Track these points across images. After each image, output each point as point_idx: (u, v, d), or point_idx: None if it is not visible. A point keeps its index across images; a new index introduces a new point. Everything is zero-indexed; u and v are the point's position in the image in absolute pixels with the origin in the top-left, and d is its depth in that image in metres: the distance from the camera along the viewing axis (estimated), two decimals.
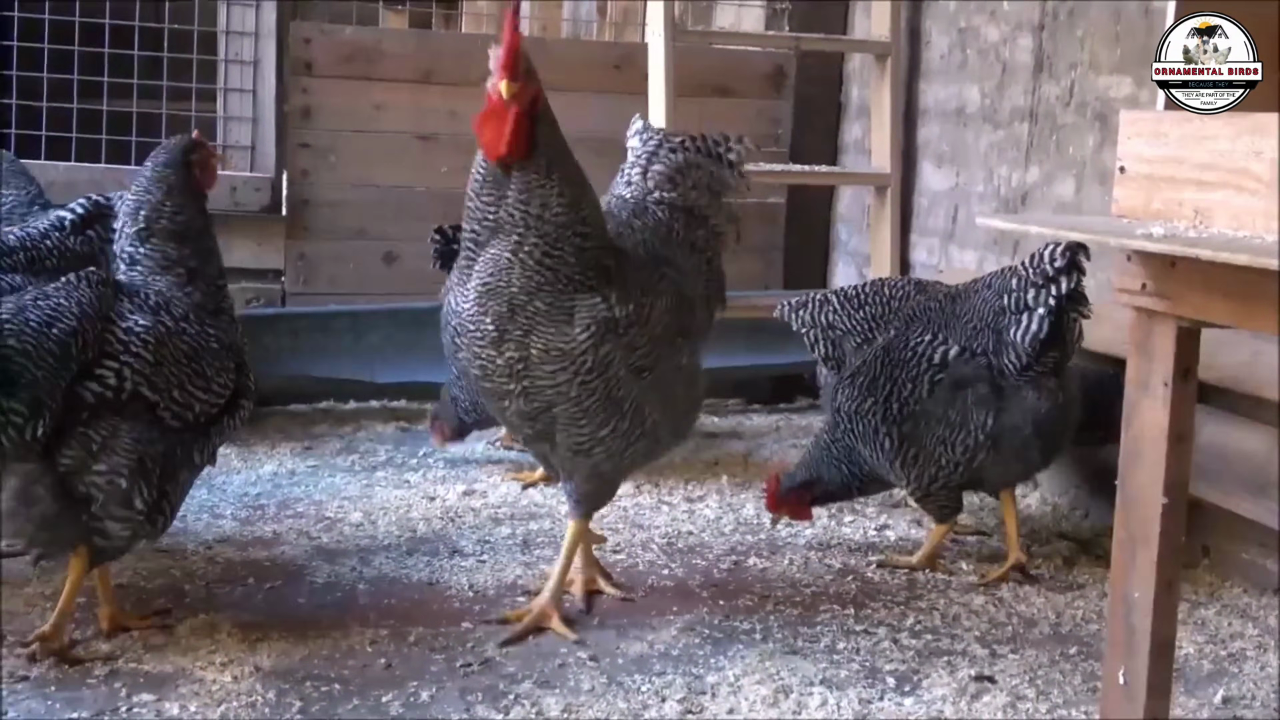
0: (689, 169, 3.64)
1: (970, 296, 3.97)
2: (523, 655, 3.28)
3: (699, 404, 3.62)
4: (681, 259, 3.54)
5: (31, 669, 3.06)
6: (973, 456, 3.86)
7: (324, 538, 4.07)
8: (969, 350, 3.87)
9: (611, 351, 3.21)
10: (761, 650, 3.37)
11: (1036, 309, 3.78)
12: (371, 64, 5.94)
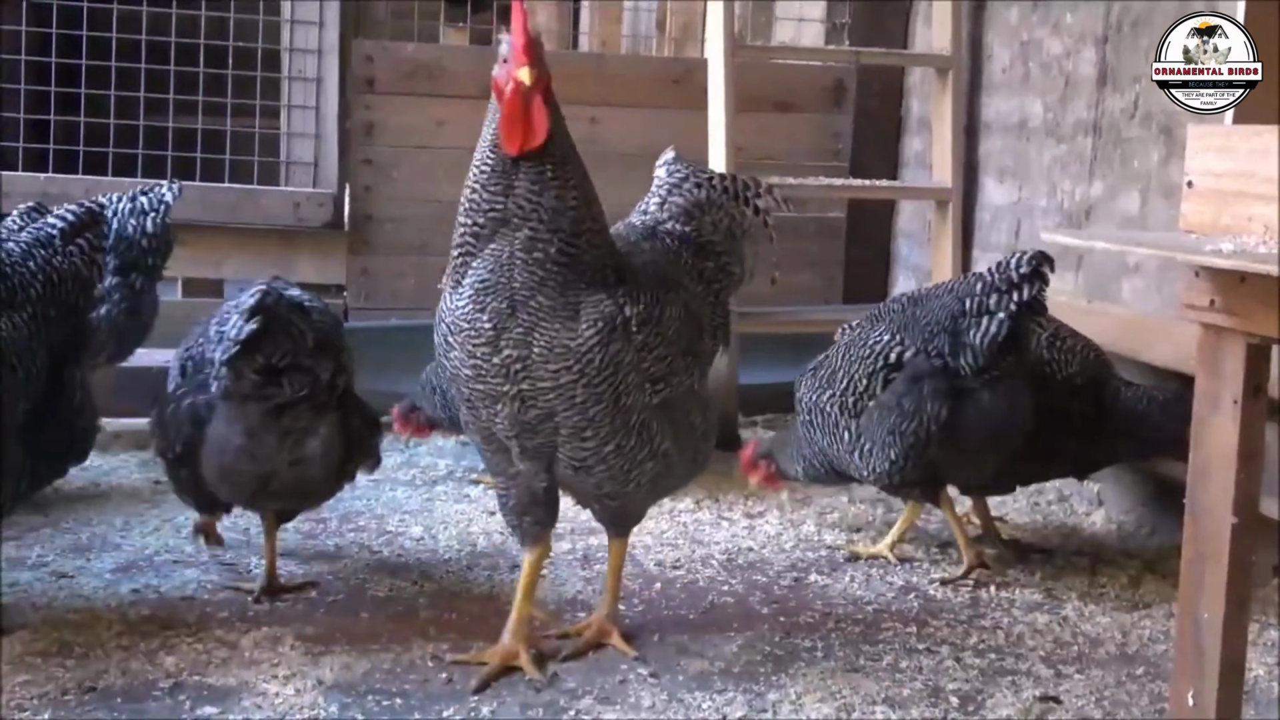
0: (709, 207, 3.52)
1: (931, 300, 4.06)
2: (583, 671, 3.28)
3: (711, 435, 3.47)
4: (690, 285, 3.42)
5: (99, 681, 3.09)
6: (922, 449, 3.90)
7: (385, 551, 4.09)
8: (923, 351, 3.94)
9: (621, 352, 3.07)
10: (823, 668, 3.35)
11: (997, 313, 3.88)
12: (433, 80, 5.98)
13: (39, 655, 3.22)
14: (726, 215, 3.52)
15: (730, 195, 3.54)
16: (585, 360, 3.04)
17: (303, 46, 6.06)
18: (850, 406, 4.01)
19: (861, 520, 4.56)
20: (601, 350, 3.05)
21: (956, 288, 4.04)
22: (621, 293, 3.10)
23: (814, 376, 4.14)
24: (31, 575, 3.74)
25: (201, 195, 5.94)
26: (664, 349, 3.17)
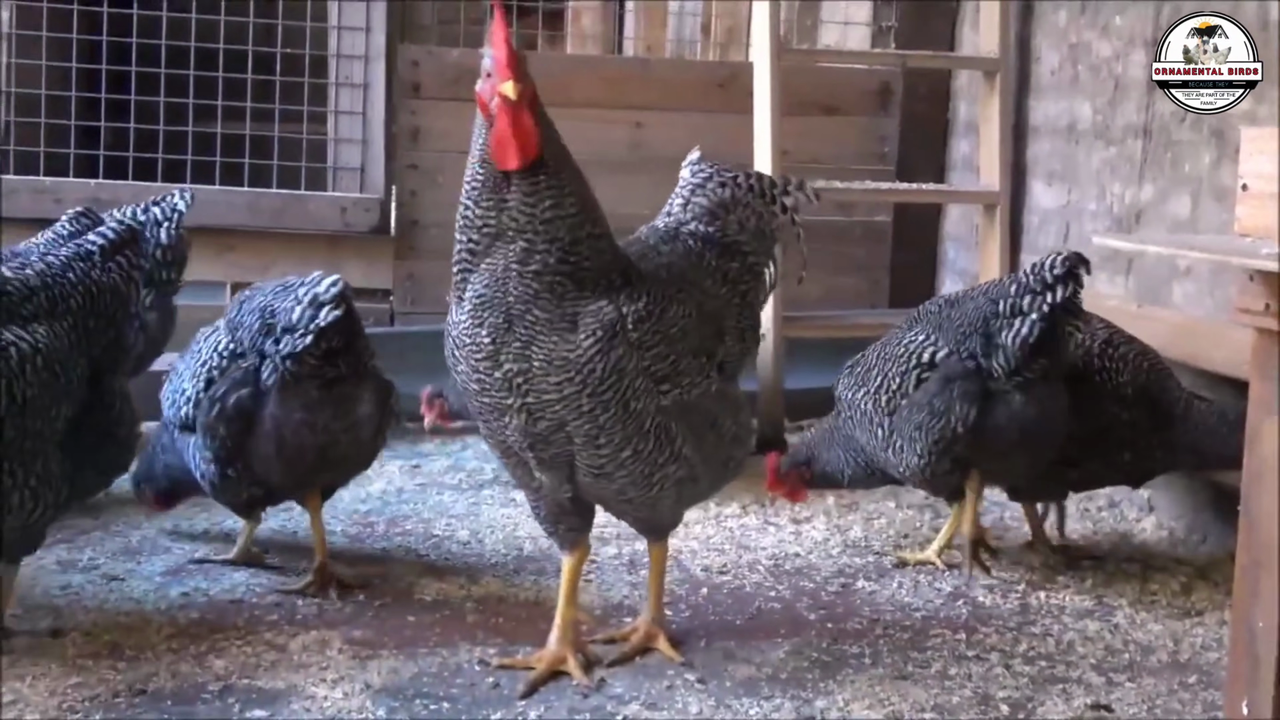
0: (734, 206, 3.42)
1: (966, 302, 4.08)
2: (630, 676, 3.28)
3: (744, 438, 3.41)
4: (711, 286, 3.33)
5: (149, 683, 3.12)
6: (948, 448, 3.93)
7: (432, 555, 4.10)
8: (956, 352, 3.97)
9: (624, 358, 3.01)
10: (871, 675, 3.34)
11: (1030, 314, 3.87)
12: None
13: (90, 657, 3.25)
14: (753, 214, 3.44)
15: (756, 193, 3.45)
16: (587, 370, 2.99)
17: (349, 52, 6.10)
18: (884, 404, 4.05)
19: (909, 526, 4.54)
20: (603, 359, 3.00)
21: (991, 289, 4.06)
22: (623, 296, 3.06)
23: (851, 374, 4.20)
24: (83, 578, 3.78)
25: (249, 201, 6.00)
26: (664, 348, 3.10)
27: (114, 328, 3.38)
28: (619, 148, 5.91)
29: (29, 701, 2.99)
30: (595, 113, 5.99)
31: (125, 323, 3.43)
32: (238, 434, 3.65)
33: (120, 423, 3.36)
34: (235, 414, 3.65)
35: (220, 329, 3.86)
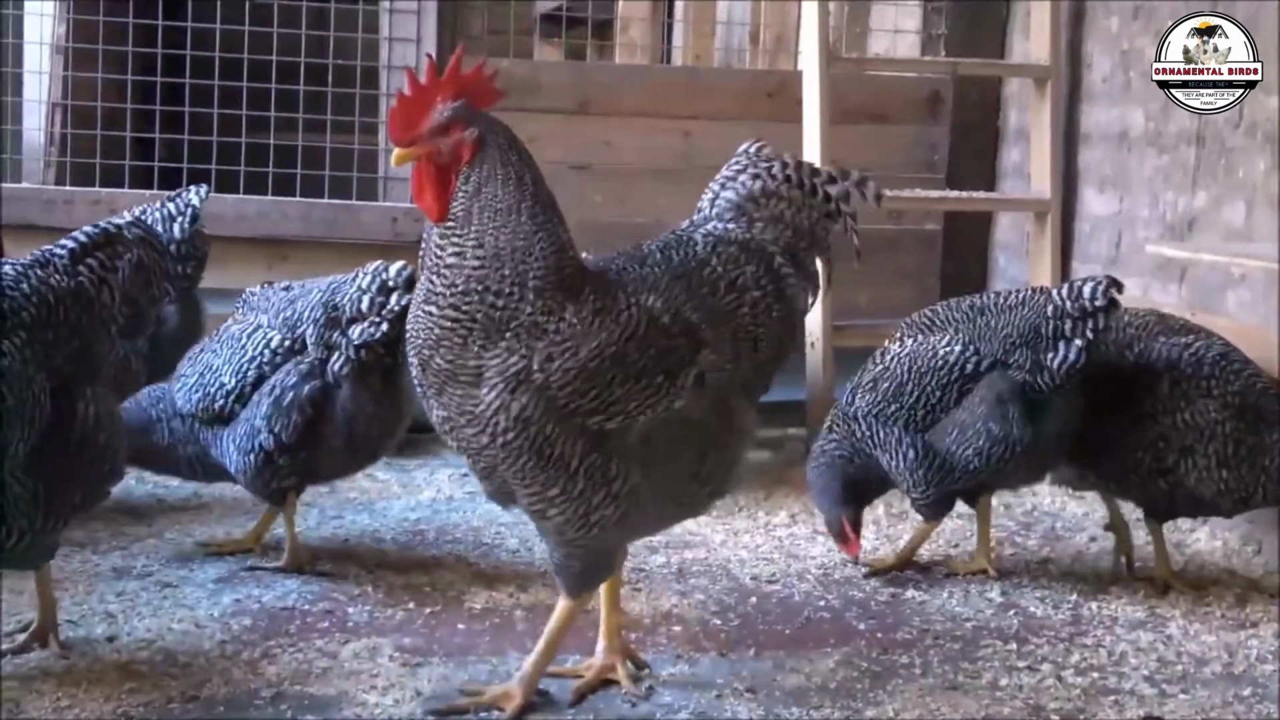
0: (766, 200, 3.19)
1: (1004, 312, 4.01)
2: (680, 685, 3.27)
3: (729, 461, 3.11)
4: (701, 295, 3.06)
5: (202, 690, 3.14)
6: (1003, 466, 3.93)
7: (482, 564, 4.12)
8: (1001, 363, 3.94)
9: (528, 408, 2.85)
10: (921, 685, 3.32)
11: (1074, 340, 3.89)
12: (528, 96, 6.01)
13: (144, 663, 3.28)
14: (790, 207, 3.20)
15: (794, 184, 3.20)
16: (492, 423, 2.87)
17: (400, 63, 6.12)
18: (919, 420, 3.97)
19: (959, 535, 4.51)
20: (504, 412, 2.86)
21: (1027, 300, 4.02)
22: (538, 340, 2.87)
23: (874, 390, 4.05)
24: (138, 585, 3.82)
25: (301, 211, 6.04)
26: (582, 383, 2.88)
27: (80, 336, 3.16)
28: (668, 157, 5.91)
29: (84, 706, 3.03)
30: (644, 122, 6.00)
31: (96, 330, 3.22)
32: (306, 426, 3.83)
33: (97, 432, 3.15)
34: (308, 406, 3.83)
35: (263, 326, 3.96)
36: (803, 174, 3.22)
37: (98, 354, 3.23)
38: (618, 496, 2.95)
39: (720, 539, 4.40)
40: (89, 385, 3.16)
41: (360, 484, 4.97)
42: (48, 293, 3.11)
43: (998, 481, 4.09)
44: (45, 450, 3.04)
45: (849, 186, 3.24)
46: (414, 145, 2.92)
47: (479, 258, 2.87)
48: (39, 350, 3.04)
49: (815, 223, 3.23)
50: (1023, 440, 3.90)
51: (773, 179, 3.20)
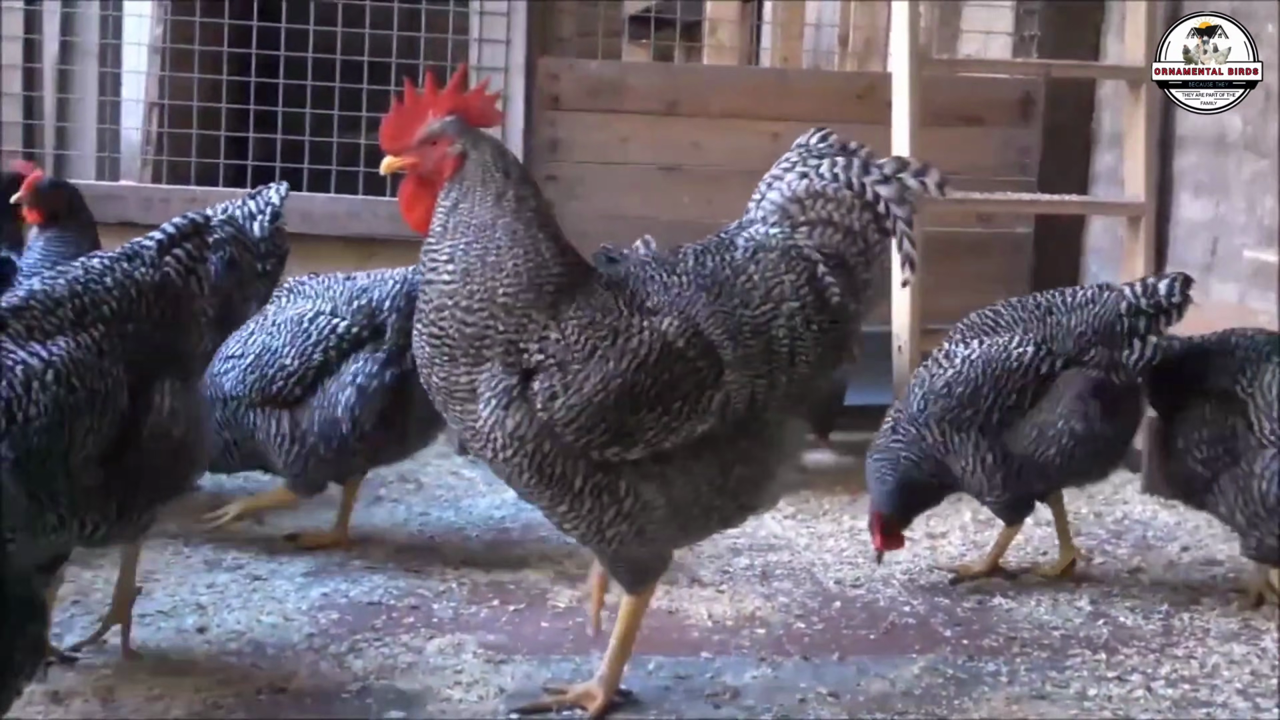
0: (813, 200, 3.02)
1: (1073, 311, 4.00)
2: (763, 689, 3.26)
3: (759, 476, 3.00)
4: (739, 309, 2.93)
5: (290, 682, 3.18)
6: (1087, 464, 3.97)
7: (566, 563, 4.13)
8: (1076, 362, 3.93)
9: (520, 427, 2.80)
10: (1008, 694, 3.28)
11: (1149, 337, 3.92)
12: (617, 97, 6.04)
13: (233, 655, 3.33)
14: (839, 209, 3.01)
15: (843, 184, 3.00)
16: (491, 439, 2.84)
17: (490, 65, 6.16)
18: (995, 424, 3.94)
19: (1047, 543, 4.45)
20: (499, 429, 2.82)
21: (1096, 297, 4.01)
22: (528, 366, 2.83)
23: (949, 395, 3.96)
24: (228, 577, 3.87)
25: (391, 210, 6.04)
26: (588, 419, 2.81)
27: (162, 330, 3.17)
28: (756, 158, 5.79)
29: (175, 696, 3.08)
30: (732, 123, 6.00)
31: (182, 323, 3.23)
32: (383, 414, 3.97)
33: (172, 427, 3.14)
34: (389, 394, 3.97)
35: (325, 312, 4.07)
36: (852, 173, 3.01)
37: (182, 348, 3.24)
38: (630, 515, 2.89)
39: (804, 542, 4.38)
40: (169, 379, 3.16)
41: (446, 481, 5.02)
42: (131, 286, 3.14)
43: (1074, 480, 4.12)
44: (121, 442, 3.05)
45: (907, 179, 3.00)
46: (401, 154, 2.96)
47: (450, 273, 2.86)
48: (117, 343, 3.07)
49: (866, 226, 3.02)
50: (1104, 437, 3.91)
51: (819, 178, 3.02)
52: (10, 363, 2.91)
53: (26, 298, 3.06)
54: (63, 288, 3.08)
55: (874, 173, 3.01)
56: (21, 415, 2.87)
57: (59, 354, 2.96)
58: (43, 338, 2.99)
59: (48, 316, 3.03)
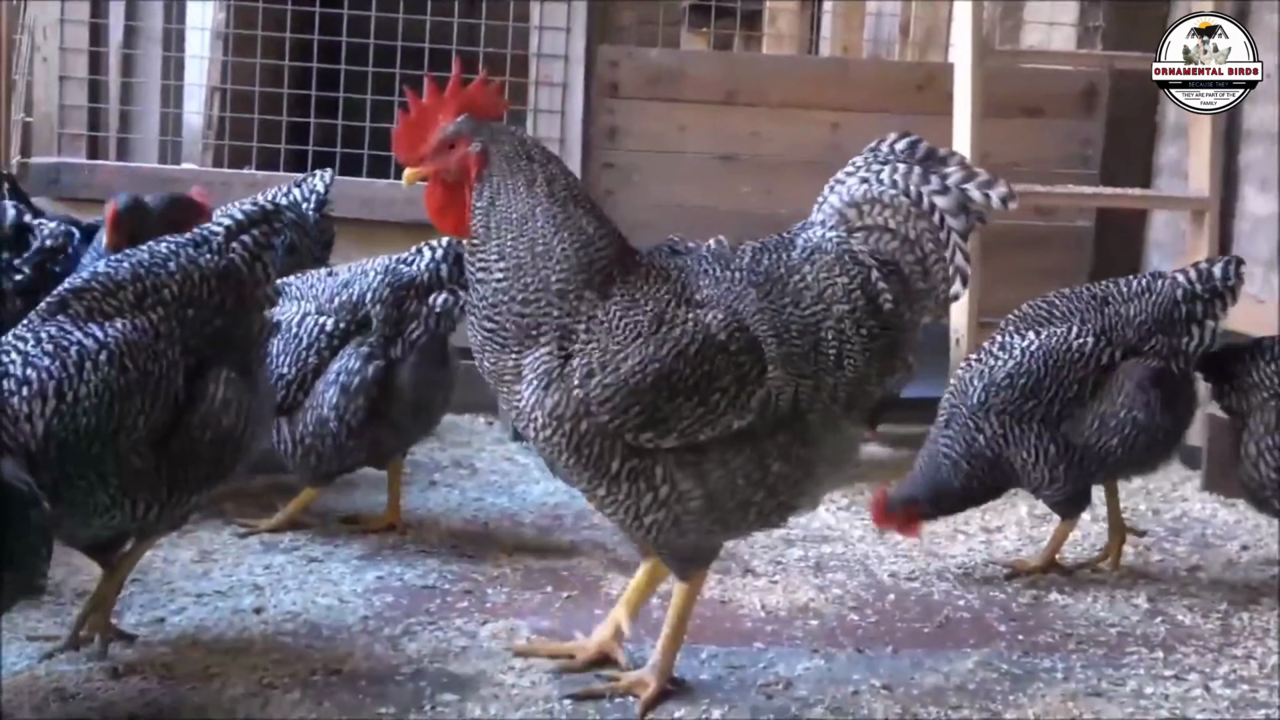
0: (869, 207, 3.01)
1: (1130, 301, 3.99)
2: (816, 680, 3.25)
3: (802, 476, 2.98)
4: (788, 308, 2.94)
5: (344, 664, 3.20)
6: (1148, 453, 3.96)
7: (619, 551, 4.12)
8: (1135, 351, 3.94)
9: (559, 406, 2.84)
10: (1063, 690, 3.26)
11: (1207, 321, 3.94)
12: (675, 85, 6.03)
13: (289, 635, 3.36)
14: (895, 216, 3.00)
15: (900, 190, 3.00)
16: (532, 419, 2.88)
17: (550, 52, 6.18)
18: (1055, 415, 3.92)
19: (1104, 539, 4.41)
20: (540, 409, 2.85)
21: (1150, 286, 4.00)
22: (568, 346, 2.85)
23: (1011, 387, 3.94)
24: (285, 558, 3.90)
25: None
26: (623, 399, 2.82)
27: (223, 316, 3.17)
28: (815, 148, 5.86)
29: (231, 674, 3.10)
30: (791, 113, 5.98)
31: (243, 310, 3.23)
32: (371, 407, 3.99)
33: (222, 415, 3.14)
34: (373, 388, 3.99)
35: (311, 313, 4.05)
36: (911, 181, 3.00)
37: (241, 335, 3.24)
38: (665, 503, 2.90)
39: (859, 534, 4.36)
40: (225, 367, 3.16)
41: (501, 466, 5.04)
42: (194, 271, 3.15)
43: (1130, 471, 4.12)
44: (174, 426, 3.07)
45: (971, 191, 2.99)
46: (420, 165, 2.96)
47: (502, 270, 2.89)
48: (175, 327, 3.09)
49: (921, 235, 3.00)
50: (1164, 427, 3.92)
51: (879, 184, 3.01)
52: (66, 343, 2.95)
53: (89, 279, 3.10)
54: (126, 271, 3.11)
55: (933, 181, 2.99)
56: (71, 395, 2.89)
57: (114, 336, 2.99)
58: (101, 319, 3.03)
59: (108, 298, 3.06)
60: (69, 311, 3.03)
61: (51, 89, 6.23)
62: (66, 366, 2.91)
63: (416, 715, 2.97)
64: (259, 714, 2.93)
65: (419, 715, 2.97)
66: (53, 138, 6.21)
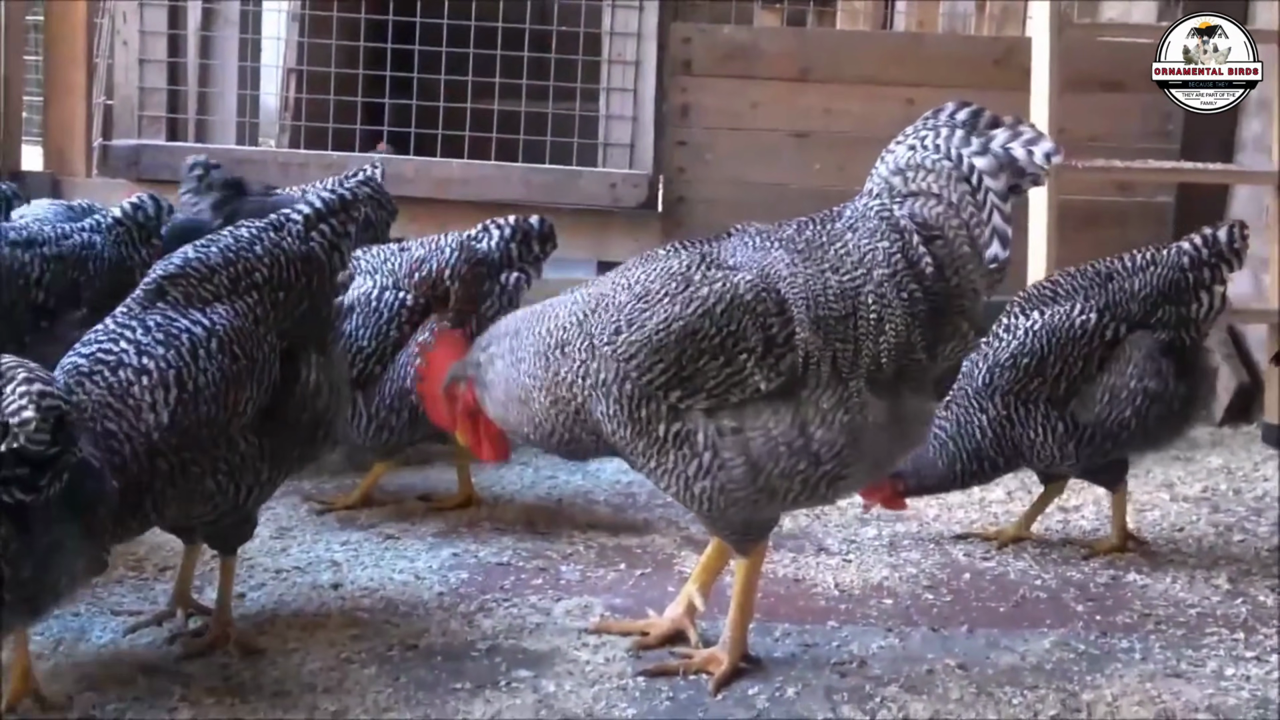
0: (914, 172, 2.98)
1: (1136, 274, 3.98)
2: (890, 659, 3.24)
3: (848, 448, 2.90)
4: (827, 273, 2.92)
5: (420, 640, 3.23)
6: (1162, 424, 3.92)
7: (692, 529, 4.13)
8: (1142, 326, 3.92)
9: (602, 368, 2.93)
10: (1141, 671, 3.22)
11: (1215, 287, 3.95)
12: (748, 62, 6.01)
13: (366, 611, 3.39)
14: (938, 180, 2.95)
15: (943, 154, 2.95)
16: (574, 387, 3.01)
17: (623, 30, 6.18)
18: (1062, 393, 3.89)
19: (1184, 519, 4.37)
20: (582, 372, 2.97)
21: (1156, 258, 4.00)
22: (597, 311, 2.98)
23: (1015, 368, 3.89)
24: (361, 535, 3.94)
25: (523, 176, 6.15)
26: (646, 357, 2.88)
27: (309, 299, 3.20)
28: (890, 124, 5.69)
29: (310, 649, 3.14)
30: (866, 89, 5.94)
31: (325, 294, 3.27)
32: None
33: (317, 398, 3.17)
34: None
35: (389, 288, 4.10)
36: (953, 143, 2.94)
37: (324, 319, 3.28)
38: (710, 471, 2.90)
39: (934, 513, 4.34)
40: (314, 351, 3.20)
41: None
42: (279, 254, 3.16)
43: (1150, 444, 4.03)
44: (272, 410, 3.09)
45: (1016, 150, 2.89)
46: (456, 426, 3.31)
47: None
48: (270, 311, 3.11)
49: (963, 199, 2.93)
50: (1178, 396, 3.91)
51: (924, 149, 2.97)
52: (175, 330, 2.97)
53: (182, 265, 3.09)
54: (216, 255, 3.11)
55: (974, 144, 2.93)
56: (191, 384, 2.91)
57: (221, 322, 3.01)
58: (201, 305, 3.04)
59: (204, 284, 3.07)
60: (168, 298, 3.04)
61: (131, 72, 6.33)
62: (182, 355, 2.93)
63: (491, 691, 2.99)
64: (336, 688, 2.96)
65: (494, 691, 2.99)
66: (133, 120, 6.31)
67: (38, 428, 2.43)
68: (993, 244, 2.92)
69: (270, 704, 2.88)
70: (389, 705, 2.90)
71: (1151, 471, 4.89)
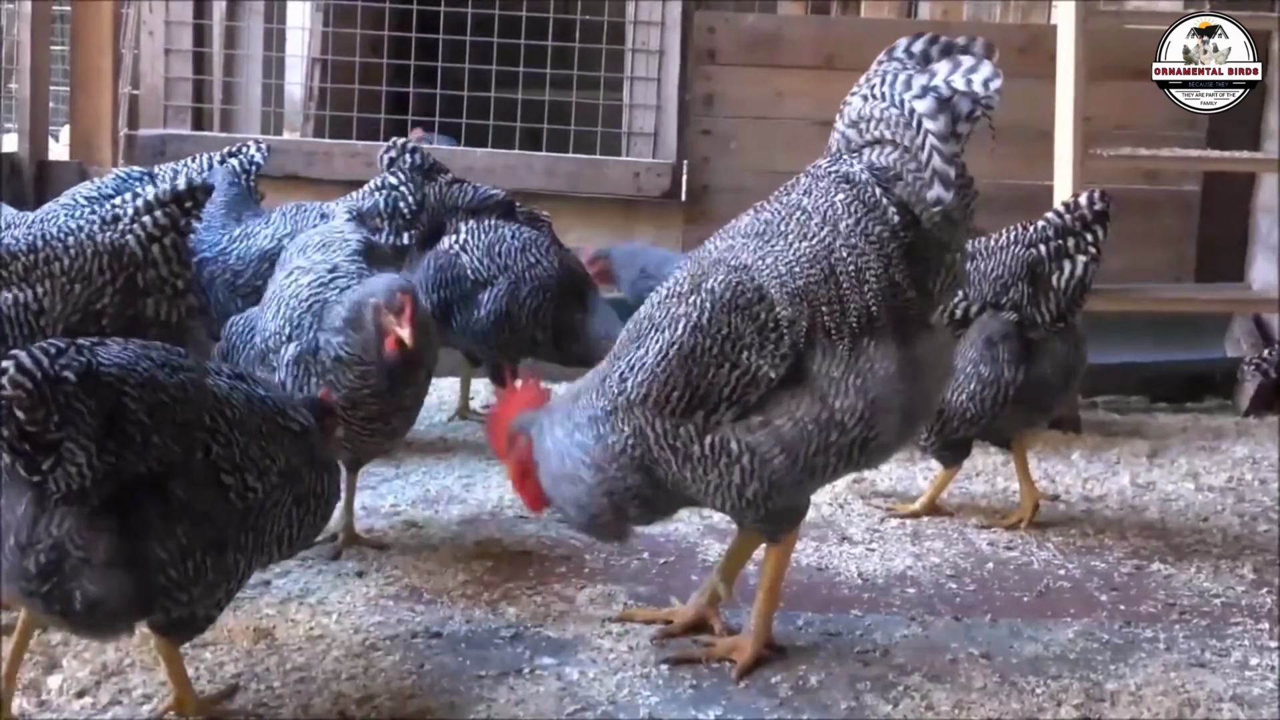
0: (865, 124, 2.95)
1: (993, 254, 4.02)
2: (913, 648, 3.25)
3: (864, 415, 2.91)
4: (795, 242, 2.93)
5: (445, 626, 3.25)
6: (1000, 409, 3.94)
7: (715, 517, 4.11)
8: (991, 305, 3.95)
9: (626, 422, 2.98)
10: (1165, 660, 3.22)
11: (1078, 255, 3.95)
12: (773, 51, 6.00)
13: (391, 599, 3.41)
14: (887, 127, 2.91)
15: (889, 100, 2.91)
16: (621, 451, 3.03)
17: (646, 19, 6.18)
18: None
19: (1209, 509, 4.35)
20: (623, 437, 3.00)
21: (1022, 237, 4.03)
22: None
23: None
24: (386, 523, 3.96)
25: (547, 165, 6.15)
26: (662, 387, 2.93)
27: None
28: None
29: (335, 637, 3.16)
30: None
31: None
32: None
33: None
34: None
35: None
36: (896, 89, 2.91)
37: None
38: (754, 471, 2.93)
39: (957, 502, 4.33)
40: None
41: None
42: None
43: (997, 426, 4.04)
44: None
45: (957, 83, 2.85)
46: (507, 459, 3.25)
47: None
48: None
49: (914, 143, 2.89)
50: (1015, 382, 3.92)
51: (873, 99, 2.94)
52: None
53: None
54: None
55: (914, 86, 2.90)
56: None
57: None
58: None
59: None
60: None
61: (157, 61, 6.36)
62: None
63: (515, 678, 3.01)
64: (362, 675, 2.98)
65: (518, 678, 3.01)
66: (159, 109, 6.34)
67: None
68: (934, 186, 2.88)
69: (294, 690, 2.90)
70: (413, 692, 2.92)
71: (1177, 461, 4.88)
